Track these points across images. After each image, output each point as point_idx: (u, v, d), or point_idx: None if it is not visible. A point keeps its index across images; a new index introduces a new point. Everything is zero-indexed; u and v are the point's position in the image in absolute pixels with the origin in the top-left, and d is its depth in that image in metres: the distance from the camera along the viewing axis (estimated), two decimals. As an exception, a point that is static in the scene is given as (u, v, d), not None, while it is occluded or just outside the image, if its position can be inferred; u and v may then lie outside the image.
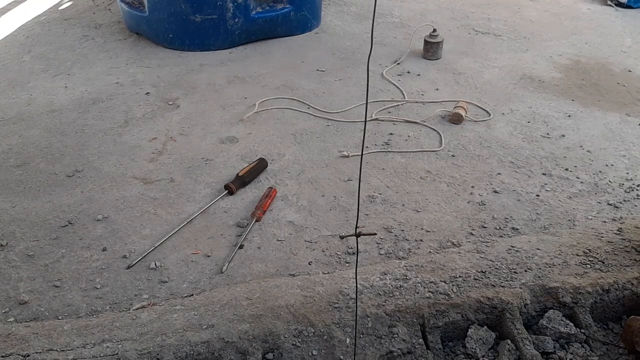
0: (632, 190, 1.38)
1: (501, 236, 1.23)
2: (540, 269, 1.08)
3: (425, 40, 2.15)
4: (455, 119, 1.70)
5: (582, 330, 0.97)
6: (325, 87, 1.95)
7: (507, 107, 1.81)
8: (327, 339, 0.95)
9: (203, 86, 1.96)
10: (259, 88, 1.94)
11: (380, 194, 1.39)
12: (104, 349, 0.92)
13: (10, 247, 1.21)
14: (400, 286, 1.03)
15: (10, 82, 1.98)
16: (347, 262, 1.17)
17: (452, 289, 1.02)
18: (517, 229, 1.25)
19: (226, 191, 1.38)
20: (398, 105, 1.81)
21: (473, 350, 0.94)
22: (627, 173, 1.45)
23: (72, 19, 2.56)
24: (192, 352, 0.92)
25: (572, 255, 1.12)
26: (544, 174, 1.46)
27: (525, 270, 1.08)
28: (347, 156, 1.54)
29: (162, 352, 0.92)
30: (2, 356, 0.90)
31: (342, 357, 0.93)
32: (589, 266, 1.08)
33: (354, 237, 0.83)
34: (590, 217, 1.27)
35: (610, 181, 1.42)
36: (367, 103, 0.56)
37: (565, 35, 2.35)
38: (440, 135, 1.64)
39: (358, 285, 1.04)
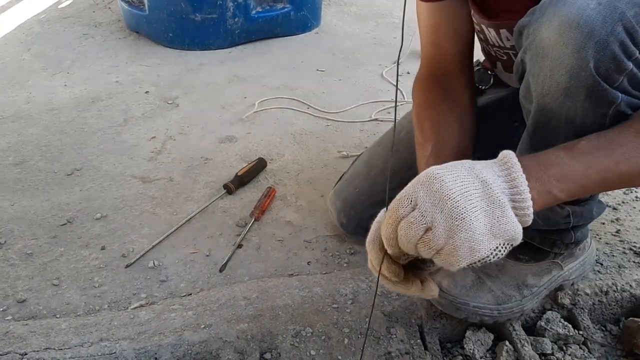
0: (631, 192, 1.38)
1: (500, 237, 1.23)
2: (538, 270, 1.08)
3: (425, 41, 2.15)
4: (455, 120, 1.70)
5: (581, 332, 0.97)
6: (325, 87, 1.95)
7: (506, 109, 1.81)
8: (325, 339, 0.95)
9: (202, 85, 1.96)
10: (259, 88, 1.95)
11: (379, 194, 1.39)
12: (101, 348, 0.92)
13: (9, 246, 1.21)
14: (399, 287, 1.03)
15: (10, 80, 1.98)
16: (347, 263, 1.17)
17: (450, 290, 1.02)
18: (516, 230, 1.25)
19: (225, 191, 1.38)
20: (398, 105, 1.81)
21: (471, 351, 0.94)
22: (626, 175, 1.45)
23: (72, 17, 2.56)
24: (189, 351, 0.92)
25: (570, 257, 1.12)
26: (543, 175, 1.46)
27: (524, 272, 1.07)
28: (347, 156, 1.54)
29: (160, 352, 0.92)
30: (-1, 354, 0.90)
31: (340, 357, 0.93)
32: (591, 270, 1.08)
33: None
34: (589, 218, 1.27)
35: (609, 183, 1.42)
36: (395, 103, 0.56)
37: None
38: (439, 136, 1.64)
39: (356, 286, 1.04)
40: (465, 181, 0.57)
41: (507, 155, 0.60)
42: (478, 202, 0.57)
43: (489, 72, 1.16)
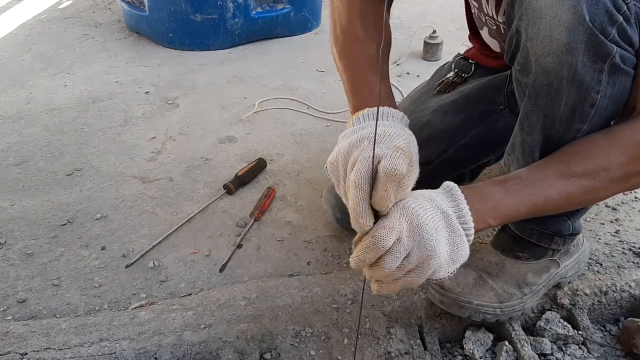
0: (630, 192, 1.38)
1: (499, 238, 1.23)
2: (538, 270, 1.08)
3: (425, 41, 2.15)
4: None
5: (580, 332, 0.98)
6: (325, 87, 1.95)
7: (506, 109, 1.81)
8: (324, 339, 0.95)
9: (203, 86, 1.96)
10: (259, 88, 1.95)
11: (379, 194, 1.39)
12: (101, 348, 0.92)
13: (9, 246, 1.22)
14: (399, 287, 1.03)
15: (10, 80, 1.99)
16: (347, 263, 1.17)
17: (450, 290, 1.02)
18: (516, 231, 1.25)
19: (225, 191, 1.38)
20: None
21: (471, 351, 0.94)
22: (626, 175, 1.46)
23: (72, 17, 2.56)
24: (189, 351, 0.93)
25: (570, 257, 1.12)
26: (542, 175, 1.46)
27: (523, 272, 1.08)
28: (346, 157, 1.54)
29: (160, 352, 0.92)
30: (-1, 354, 0.91)
31: (340, 357, 0.93)
32: (586, 268, 1.08)
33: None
34: (588, 219, 1.27)
35: (608, 183, 1.42)
36: (378, 106, 0.56)
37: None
38: (439, 137, 1.64)
39: (356, 286, 1.05)
40: (432, 214, 0.66)
41: (453, 187, 0.70)
42: (443, 232, 0.67)
43: (469, 61, 1.24)
